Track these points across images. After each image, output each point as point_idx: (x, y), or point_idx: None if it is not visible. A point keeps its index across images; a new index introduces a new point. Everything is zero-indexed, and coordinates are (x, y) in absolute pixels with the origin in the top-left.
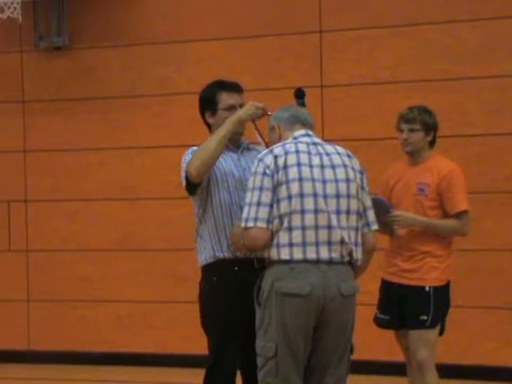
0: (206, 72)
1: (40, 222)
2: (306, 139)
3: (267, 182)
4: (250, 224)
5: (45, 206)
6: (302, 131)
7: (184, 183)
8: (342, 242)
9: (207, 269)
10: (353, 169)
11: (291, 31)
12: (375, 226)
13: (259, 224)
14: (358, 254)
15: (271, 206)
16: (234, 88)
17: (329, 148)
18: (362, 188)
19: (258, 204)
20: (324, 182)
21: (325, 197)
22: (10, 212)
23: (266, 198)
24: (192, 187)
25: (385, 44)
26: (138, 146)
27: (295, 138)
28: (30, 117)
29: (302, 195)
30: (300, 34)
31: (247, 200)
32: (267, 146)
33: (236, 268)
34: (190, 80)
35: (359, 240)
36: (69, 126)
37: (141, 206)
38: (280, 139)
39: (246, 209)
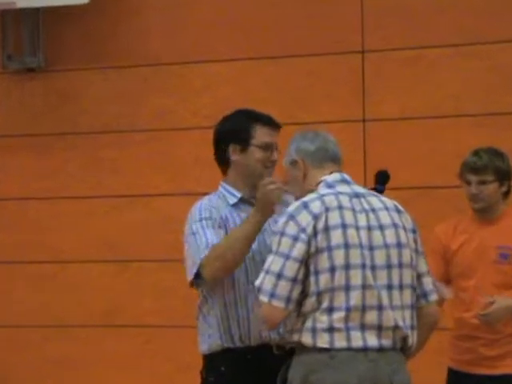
0: (216, 102)
1: (3, 289)
2: (346, 189)
3: (298, 251)
4: (264, 298)
5: (9, 270)
6: (337, 175)
7: (191, 276)
8: (396, 326)
9: (212, 358)
10: (404, 228)
11: (325, 51)
12: (434, 296)
13: (275, 302)
14: (413, 340)
15: (295, 280)
16: (273, 123)
17: (374, 201)
18: (417, 251)
19: (279, 276)
20: (371, 248)
21: (373, 268)
22: None
23: (291, 270)
24: (199, 282)
25: (445, 67)
26: (129, 195)
27: (330, 186)
28: None
29: (347, 267)
30: (337, 55)
31: (266, 265)
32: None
33: (249, 356)
34: (195, 112)
35: (415, 322)
36: (43, 168)
37: (132, 271)
38: (305, 178)
39: (262, 275)
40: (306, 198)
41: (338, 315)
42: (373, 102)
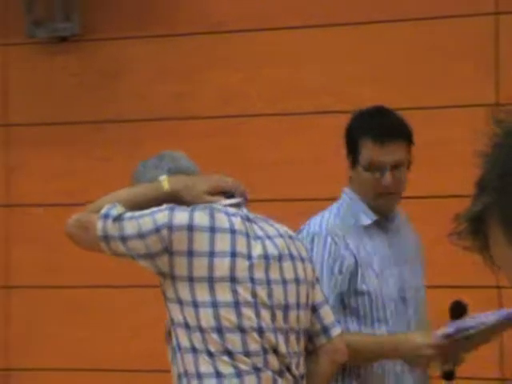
0: (294, 82)
1: (28, 320)
2: (237, 209)
3: (152, 242)
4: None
5: (34, 296)
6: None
7: None
8: (290, 371)
9: None
10: (301, 259)
11: (443, 13)
12: (337, 330)
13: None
14: None
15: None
16: (386, 136)
17: (267, 227)
18: (313, 284)
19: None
20: (269, 283)
21: (272, 308)
22: None
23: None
24: None
25: None
26: None
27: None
28: (17, 150)
29: (237, 304)
30: (459, 18)
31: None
32: None
33: None
34: (268, 97)
35: (304, 369)
36: (74, 167)
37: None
38: None
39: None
40: (194, 206)
41: (229, 359)
42: (510, 80)
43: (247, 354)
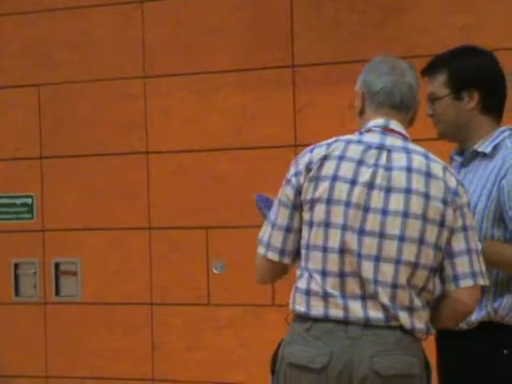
0: None
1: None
2: (375, 138)
3: (287, 195)
4: (261, 250)
5: None
6: (380, 121)
7: None
8: (378, 299)
9: None
10: (426, 196)
11: None
12: (468, 282)
13: (270, 255)
14: (414, 323)
15: (289, 230)
16: (424, 70)
17: (398, 158)
18: (442, 225)
19: (274, 225)
20: (366, 210)
21: (361, 232)
22: None
23: (283, 217)
24: None
25: None
26: None
27: (361, 134)
28: (303, 91)
29: (327, 225)
30: None
31: (269, 214)
32: None
33: None
34: None
35: (417, 303)
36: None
37: None
38: (360, 115)
39: (263, 226)
40: (322, 142)
41: (315, 278)
42: None
43: (324, 273)
